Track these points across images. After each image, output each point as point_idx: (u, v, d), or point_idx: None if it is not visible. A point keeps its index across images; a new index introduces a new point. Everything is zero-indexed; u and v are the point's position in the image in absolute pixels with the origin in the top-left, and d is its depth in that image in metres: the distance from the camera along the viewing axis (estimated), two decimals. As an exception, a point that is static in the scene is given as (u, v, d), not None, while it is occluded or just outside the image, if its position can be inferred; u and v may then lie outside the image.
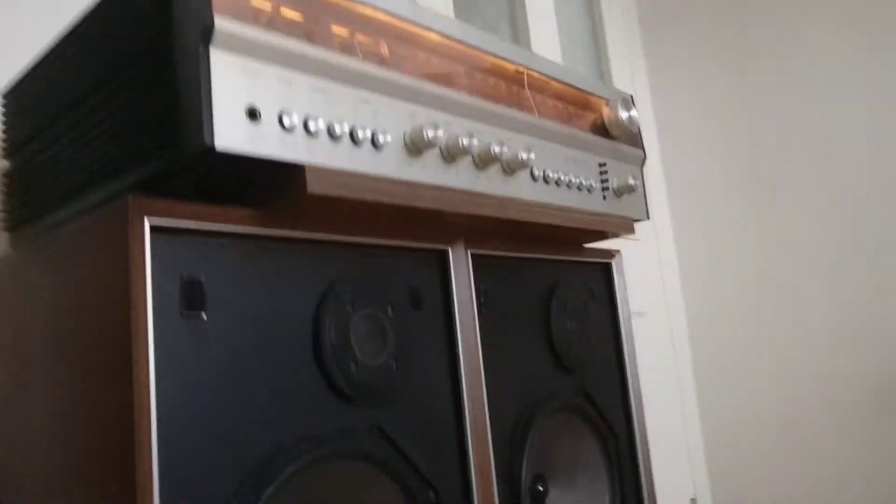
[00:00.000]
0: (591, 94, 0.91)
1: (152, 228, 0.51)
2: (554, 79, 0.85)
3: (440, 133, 0.64)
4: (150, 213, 0.51)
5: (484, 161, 0.71)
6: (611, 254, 1.02)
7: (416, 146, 0.64)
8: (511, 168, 0.74)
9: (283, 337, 0.59)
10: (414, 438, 0.68)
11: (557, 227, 0.80)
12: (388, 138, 0.63)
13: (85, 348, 0.54)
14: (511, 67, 0.79)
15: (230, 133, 0.52)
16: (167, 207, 0.53)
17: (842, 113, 1.73)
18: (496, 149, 0.70)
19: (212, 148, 0.50)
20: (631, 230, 0.91)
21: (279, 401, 0.58)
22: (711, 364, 2.02)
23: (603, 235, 0.92)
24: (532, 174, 0.78)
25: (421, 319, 0.72)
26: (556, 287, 0.91)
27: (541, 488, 0.87)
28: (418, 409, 0.69)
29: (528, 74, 0.81)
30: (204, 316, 0.54)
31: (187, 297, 0.53)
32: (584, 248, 0.97)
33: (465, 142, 0.67)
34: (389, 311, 0.68)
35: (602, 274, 1.01)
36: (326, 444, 0.60)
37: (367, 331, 0.66)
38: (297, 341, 0.60)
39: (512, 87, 0.78)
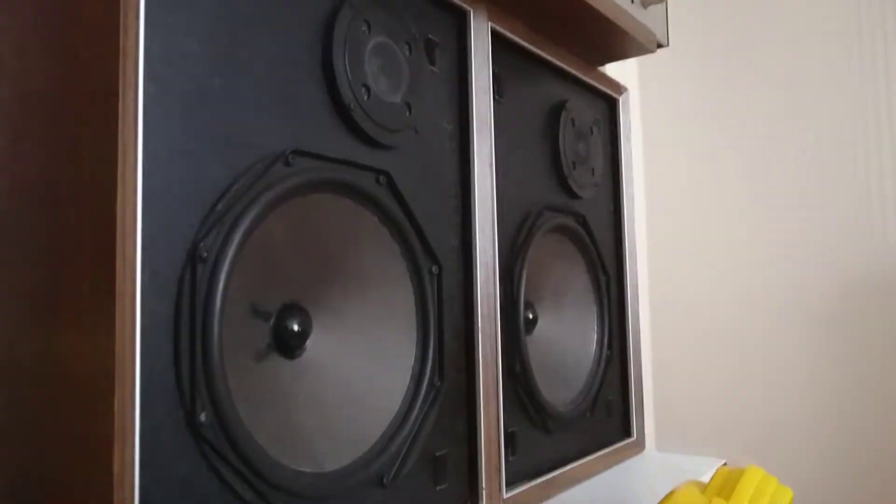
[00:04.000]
0: None
1: None
2: None
3: None
4: None
5: None
6: (620, 88, 0.94)
7: None
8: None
9: (290, 35, 0.49)
10: (418, 201, 0.60)
11: (584, 9, 0.72)
12: None
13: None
14: None
15: None
16: None
17: None
18: None
19: None
20: (653, 47, 0.84)
21: (279, 104, 0.48)
22: (666, 280, 2.01)
23: (622, 49, 0.84)
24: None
25: (434, 79, 0.63)
26: (566, 102, 0.83)
27: (530, 315, 0.81)
28: (425, 172, 0.61)
29: None
30: (202, -34, 0.43)
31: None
32: (595, 70, 0.89)
33: None
34: (406, 49, 0.59)
35: (608, 109, 0.94)
36: (331, 169, 0.51)
37: (383, 64, 0.56)
38: (306, 45, 0.51)
39: None
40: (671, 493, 0.58)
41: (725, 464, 0.83)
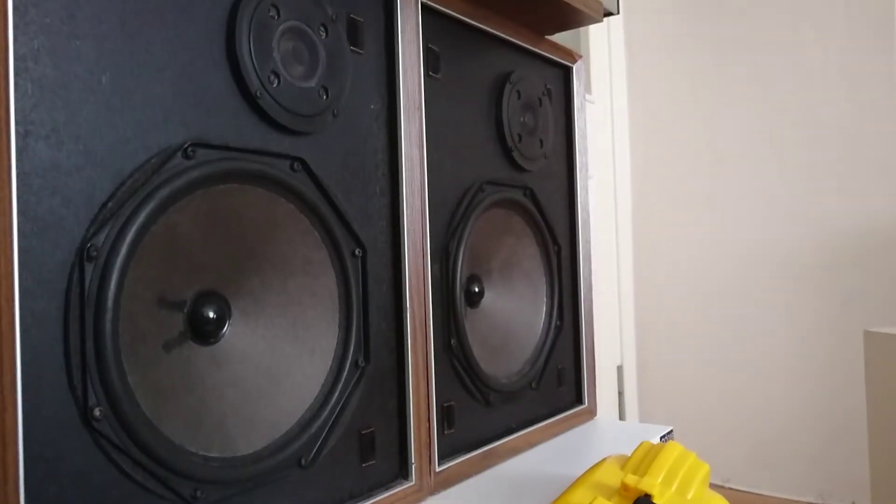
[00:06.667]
0: None
1: None
2: None
3: None
4: None
5: None
6: (573, 56, 0.93)
7: None
8: None
9: (193, 26, 0.49)
10: (340, 185, 0.60)
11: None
12: None
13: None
14: None
15: None
16: None
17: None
18: None
19: None
20: (599, 16, 0.82)
21: (181, 97, 0.48)
22: (650, 234, 2.01)
23: (567, 19, 0.83)
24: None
25: (359, 61, 0.62)
26: (511, 74, 0.82)
27: (476, 289, 0.81)
28: (347, 155, 0.61)
29: None
30: (84, -39, 0.43)
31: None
32: (545, 40, 0.88)
33: None
34: (322, 32, 0.58)
35: (561, 77, 0.93)
36: (236, 159, 0.52)
37: (295, 49, 0.56)
38: (211, 36, 0.50)
39: None
40: (592, 468, 0.60)
41: (671, 432, 0.84)
